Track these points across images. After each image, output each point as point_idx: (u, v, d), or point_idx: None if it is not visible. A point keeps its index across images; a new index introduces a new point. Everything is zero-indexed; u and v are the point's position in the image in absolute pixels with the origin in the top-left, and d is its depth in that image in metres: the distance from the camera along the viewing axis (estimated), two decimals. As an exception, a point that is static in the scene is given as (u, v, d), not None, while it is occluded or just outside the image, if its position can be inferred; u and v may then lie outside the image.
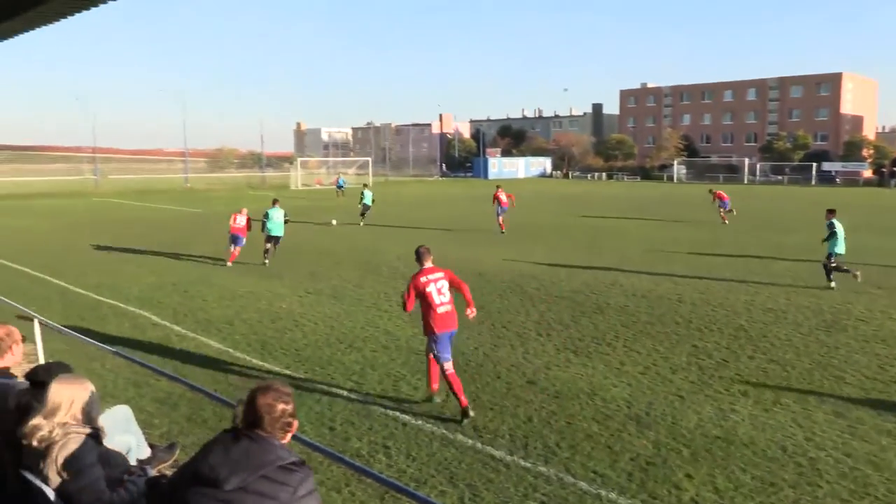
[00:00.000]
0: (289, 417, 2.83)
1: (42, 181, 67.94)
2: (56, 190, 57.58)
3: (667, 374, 8.91)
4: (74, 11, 8.05)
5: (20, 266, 17.94)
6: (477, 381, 8.62)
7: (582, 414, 7.54)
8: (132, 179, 77.00)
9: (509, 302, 13.37)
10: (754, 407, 7.75)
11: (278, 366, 9.33)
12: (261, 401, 2.79)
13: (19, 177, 69.46)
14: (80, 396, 3.61)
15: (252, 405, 2.79)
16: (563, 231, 26.31)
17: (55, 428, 3.47)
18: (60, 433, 3.47)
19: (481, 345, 10.32)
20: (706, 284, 15.08)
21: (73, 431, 3.50)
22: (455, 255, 19.49)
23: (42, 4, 7.69)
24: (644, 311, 12.50)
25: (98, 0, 7.47)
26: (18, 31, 9.61)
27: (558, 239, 23.68)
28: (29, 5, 7.89)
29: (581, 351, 10.02)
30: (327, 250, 20.55)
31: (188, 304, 13.21)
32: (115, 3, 7.51)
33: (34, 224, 30.35)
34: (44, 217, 33.84)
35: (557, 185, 71.30)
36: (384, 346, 10.31)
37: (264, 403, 2.78)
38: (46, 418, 3.50)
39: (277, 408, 2.79)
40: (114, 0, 7.41)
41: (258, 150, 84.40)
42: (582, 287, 14.77)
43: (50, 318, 10.10)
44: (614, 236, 24.38)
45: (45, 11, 8.11)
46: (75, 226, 29.39)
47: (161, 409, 7.64)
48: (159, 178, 77.81)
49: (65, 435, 3.47)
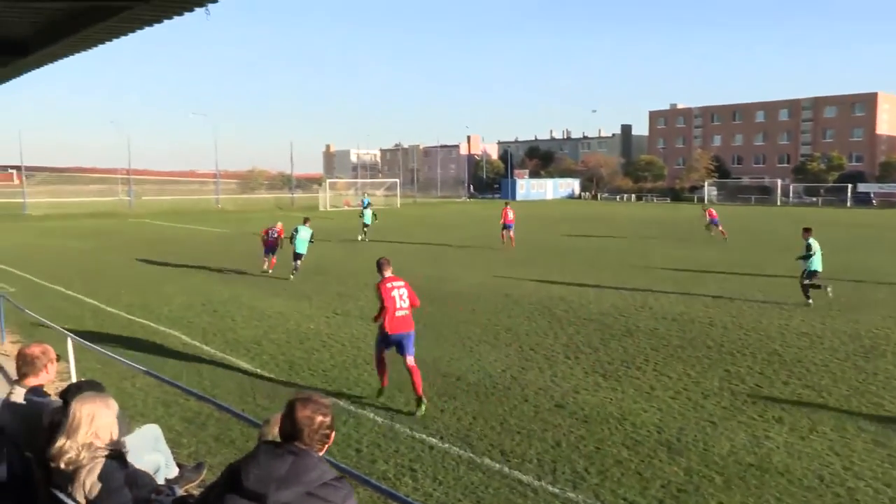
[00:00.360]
0: (327, 429, 2.84)
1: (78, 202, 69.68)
2: (91, 211, 58.91)
3: (698, 400, 8.76)
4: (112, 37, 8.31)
5: (55, 285, 18.32)
6: (504, 404, 8.55)
7: (611, 439, 7.43)
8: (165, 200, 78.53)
9: (537, 324, 13.28)
10: (790, 434, 7.56)
11: (306, 386, 9.35)
12: (300, 413, 2.79)
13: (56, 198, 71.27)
14: (100, 413, 3.59)
15: (291, 416, 2.80)
16: (591, 252, 26.14)
17: (81, 450, 3.45)
18: (87, 456, 3.45)
19: (509, 367, 10.25)
20: (738, 307, 14.83)
21: (100, 455, 3.49)
22: (482, 277, 19.46)
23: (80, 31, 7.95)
24: (675, 335, 12.32)
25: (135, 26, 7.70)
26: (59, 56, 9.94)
27: (587, 260, 23.52)
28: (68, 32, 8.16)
29: (610, 374, 9.90)
30: (354, 271, 20.65)
31: (217, 324, 13.35)
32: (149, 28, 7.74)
33: (70, 244, 31.04)
34: (79, 237, 34.60)
35: (586, 207, 71.00)
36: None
37: (304, 415, 2.79)
38: (69, 438, 3.48)
39: (316, 420, 2.80)
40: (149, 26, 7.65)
41: (288, 172, 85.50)
42: (611, 309, 14.63)
43: (83, 336, 10.29)
44: (644, 258, 24.14)
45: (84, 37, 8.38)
46: (109, 246, 29.99)
47: (189, 428, 7.70)
48: (191, 199, 79.24)
49: (91, 458, 3.46)
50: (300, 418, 2.78)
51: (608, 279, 18.95)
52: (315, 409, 2.82)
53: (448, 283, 18.38)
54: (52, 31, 8.56)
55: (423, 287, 17.53)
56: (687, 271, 20.65)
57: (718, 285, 17.86)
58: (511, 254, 25.62)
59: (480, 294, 16.57)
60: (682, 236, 32.74)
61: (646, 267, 21.74)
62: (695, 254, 25.71)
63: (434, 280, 18.76)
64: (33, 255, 26.25)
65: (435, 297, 16.16)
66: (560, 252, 26.26)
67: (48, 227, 42.24)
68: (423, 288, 17.40)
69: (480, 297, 16.24)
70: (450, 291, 16.97)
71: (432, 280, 18.74)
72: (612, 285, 17.84)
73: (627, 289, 17.27)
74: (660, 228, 35.85)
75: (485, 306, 15.09)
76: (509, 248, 27.23)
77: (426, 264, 22.38)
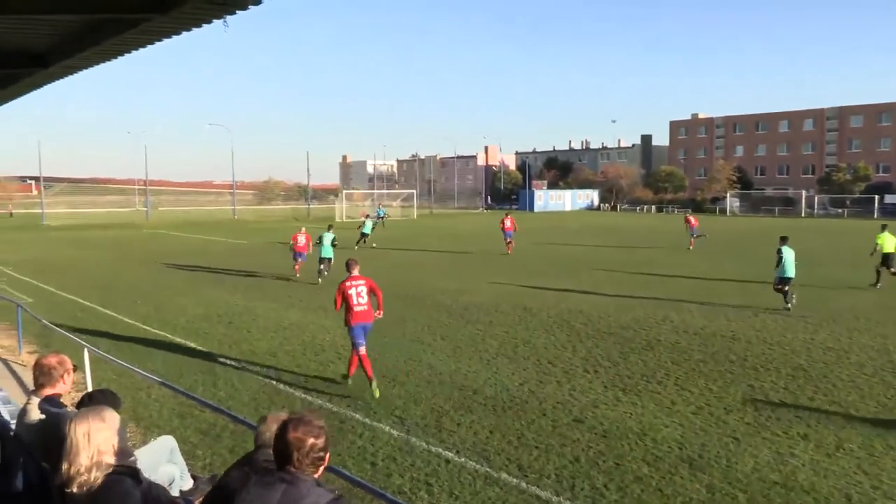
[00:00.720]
0: (319, 452, 2.75)
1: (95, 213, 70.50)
2: (108, 221, 59.70)
3: (721, 415, 8.66)
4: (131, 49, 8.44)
5: (72, 296, 18.56)
6: (522, 419, 8.52)
7: (631, 455, 7.37)
8: (182, 211, 79.31)
9: (556, 337, 13.23)
10: (815, 451, 7.45)
11: (321, 399, 9.38)
12: (291, 435, 2.72)
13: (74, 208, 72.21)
14: (95, 430, 3.43)
15: (283, 438, 2.74)
16: (610, 264, 26.01)
17: (92, 471, 3.37)
18: (99, 475, 3.40)
19: (527, 381, 10.21)
20: (762, 321, 14.67)
21: (112, 476, 3.44)
22: (499, 289, 19.42)
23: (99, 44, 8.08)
24: (696, 349, 12.21)
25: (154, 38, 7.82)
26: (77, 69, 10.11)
27: (606, 272, 23.41)
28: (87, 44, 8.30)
29: (630, 389, 9.82)
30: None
31: (233, 336, 13.44)
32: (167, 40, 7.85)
33: (87, 255, 31.44)
34: (96, 248, 35.04)
35: (605, 218, 70.72)
36: (427, 380, 10.29)
37: (294, 438, 2.71)
38: (72, 463, 3.37)
39: (308, 442, 2.71)
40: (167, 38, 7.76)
41: (304, 183, 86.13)
42: (631, 322, 14.54)
43: (99, 347, 10.41)
44: (664, 269, 23.97)
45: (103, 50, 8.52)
46: (126, 257, 30.34)
47: (204, 440, 7.75)
48: (208, 210, 79.99)
49: (104, 478, 3.42)
50: (291, 440, 2.71)
51: (628, 291, 18.84)
52: (307, 431, 2.73)
53: (465, 294, 18.37)
54: (71, 43, 8.71)
55: (440, 299, 17.58)
56: (708, 283, 20.47)
57: (741, 298, 17.69)
58: (529, 265, 25.57)
59: (498, 306, 16.55)
60: (703, 248, 32.48)
61: (666, 279, 21.59)
62: (716, 266, 25.49)
63: (450, 292, 18.76)
64: (51, 265, 26.62)
65: (452, 310, 16.15)
66: (579, 264, 26.16)
67: (65, 237, 42.83)
68: (439, 300, 17.46)
69: (498, 309, 16.21)
70: (467, 303, 16.96)
71: (448, 293, 18.75)
72: (632, 297, 17.73)
73: (647, 301, 17.15)
74: (680, 240, 35.55)
75: (502, 318, 15.06)
76: (531, 261, 27.16)
77: (443, 276, 22.40)
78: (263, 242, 37.80)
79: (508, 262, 27.17)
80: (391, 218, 54.87)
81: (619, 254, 30.66)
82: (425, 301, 17.46)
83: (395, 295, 18.44)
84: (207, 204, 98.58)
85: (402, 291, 18.98)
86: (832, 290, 19.03)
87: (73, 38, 8.57)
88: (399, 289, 19.53)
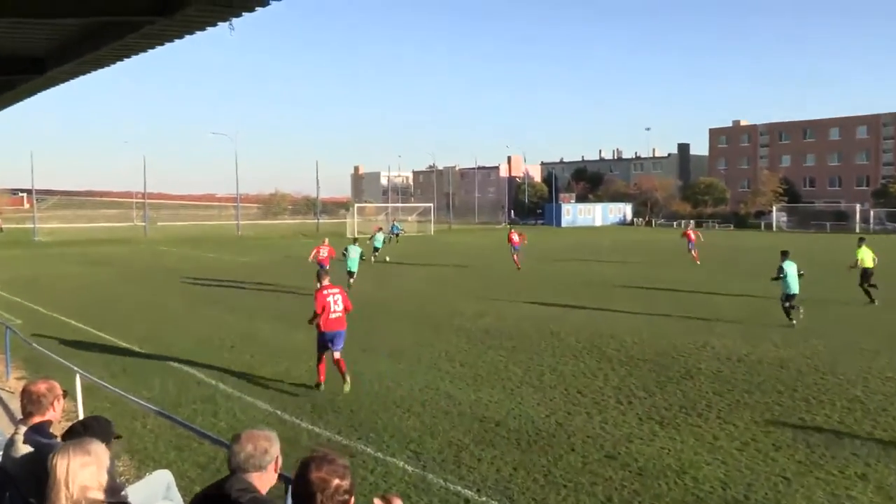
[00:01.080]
0: (344, 495, 2.74)
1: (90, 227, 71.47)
2: (104, 236, 60.45)
3: (769, 452, 8.53)
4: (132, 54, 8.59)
5: (63, 316, 18.76)
6: (549, 454, 8.44)
7: (669, 495, 7.27)
8: (182, 226, 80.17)
9: (586, 364, 13.14)
10: (876, 493, 7.30)
11: (329, 430, 9.37)
12: (314, 475, 2.72)
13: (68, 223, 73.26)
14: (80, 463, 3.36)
15: (304, 478, 2.73)
16: (645, 284, 25.85)
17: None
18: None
19: (554, 412, 10.14)
20: (812, 347, 14.47)
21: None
22: (524, 310, 19.36)
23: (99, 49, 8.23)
24: (741, 378, 12.07)
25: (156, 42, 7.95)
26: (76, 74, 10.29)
27: (640, 292, 23.26)
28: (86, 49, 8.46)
29: (668, 422, 9.72)
30: (384, 304, 20.75)
31: (236, 361, 13.49)
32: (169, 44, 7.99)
33: (81, 272, 31.83)
34: (90, 265, 35.46)
35: (639, 234, 70.42)
36: (445, 410, 10.24)
37: (318, 478, 2.71)
38: (55, 500, 3.32)
39: (332, 483, 2.71)
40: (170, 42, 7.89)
41: (313, 196, 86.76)
42: (668, 348, 14.41)
43: (92, 372, 10.48)
44: (705, 289, 23.77)
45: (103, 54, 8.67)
46: (122, 275, 30.68)
47: (203, 475, 7.74)
48: (210, 225, 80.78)
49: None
50: (314, 480, 2.70)
51: (664, 314, 18.69)
52: (331, 471, 2.73)
53: (486, 317, 18.34)
54: (70, 48, 8.89)
55: (459, 322, 17.55)
56: (752, 302, 20.25)
57: (789, 322, 17.47)
58: (555, 285, 25.49)
59: (522, 329, 16.49)
60: (747, 267, 32.21)
61: (706, 300, 21.40)
62: (761, 286, 25.20)
63: (470, 315, 18.74)
64: (42, 284, 26.99)
65: (472, 334, 16.12)
66: (610, 283, 26.02)
67: (58, 254, 43.43)
68: (458, 323, 17.43)
69: (522, 332, 16.15)
70: (488, 326, 16.92)
71: (468, 315, 18.72)
72: (670, 321, 17.59)
73: (685, 323, 17.01)
74: (722, 258, 35.33)
75: (527, 344, 15.00)
76: (558, 281, 27.08)
77: (462, 297, 22.38)
78: (269, 260, 38.06)
79: (533, 281, 27.11)
80: (406, 234, 55.01)
81: (653, 271, 30.46)
82: (443, 324, 17.45)
83: (410, 318, 18.45)
84: (209, 218, 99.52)
85: (418, 314, 18.98)
86: (891, 313, 18.74)
87: (72, 43, 8.75)
88: (415, 311, 19.55)
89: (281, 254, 40.14)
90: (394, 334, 16.11)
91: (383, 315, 18.81)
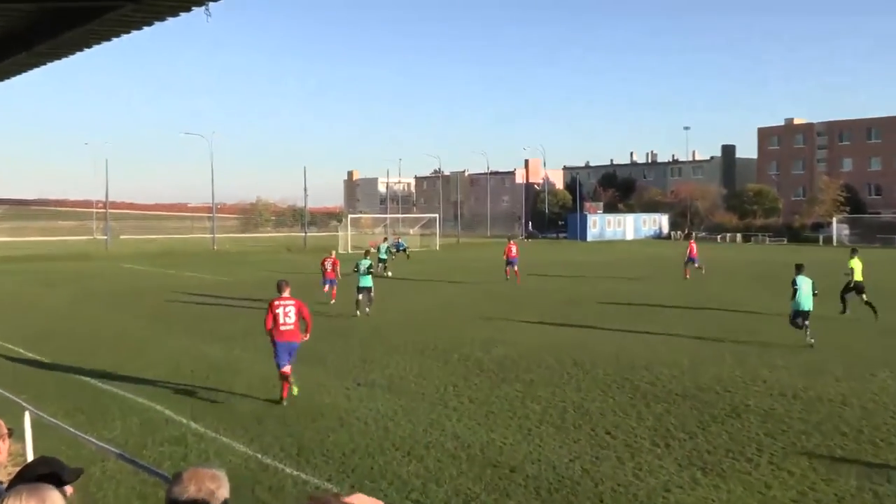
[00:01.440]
0: None
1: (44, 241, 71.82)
2: (60, 252, 60.78)
3: (831, 503, 8.48)
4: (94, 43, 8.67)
5: (10, 344, 18.82)
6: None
7: (714, 554, 7.22)
8: (150, 240, 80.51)
9: (615, 400, 13.12)
10: (955, 552, 7.24)
11: (318, 477, 9.37)
12: None
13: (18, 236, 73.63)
14: None
15: None
16: (684, 307, 25.79)
17: None
18: None
19: (579, 456, 10.12)
20: (880, 381, 14.41)
21: None
22: (542, 338, 19.33)
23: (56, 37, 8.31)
24: (797, 417, 12.03)
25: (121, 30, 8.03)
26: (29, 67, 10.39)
27: (679, 318, 23.20)
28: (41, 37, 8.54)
29: (712, 468, 9.69)
30: (383, 331, 20.76)
31: (210, 396, 13.52)
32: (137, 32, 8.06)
33: (32, 293, 31.96)
34: (43, 285, 35.62)
35: (677, 249, 70.28)
36: (452, 454, 10.23)
37: None
38: None
39: None
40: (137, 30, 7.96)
41: (300, 205, 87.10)
42: (711, 382, 14.37)
43: (43, 409, 10.50)
44: (756, 314, 23.71)
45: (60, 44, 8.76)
46: (79, 296, 30.78)
47: (172, 528, 7.73)
48: (182, 239, 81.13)
49: None
50: None
51: (707, 342, 18.65)
52: None
53: (499, 344, 18.32)
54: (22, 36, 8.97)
55: (469, 351, 17.54)
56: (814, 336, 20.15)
57: (851, 352, 17.40)
58: (579, 307, 25.47)
59: (541, 360, 16.46)
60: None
61: (759, 328, 21.32)
62: (821, 311, 25.15)
63: (482, 342, 18.71)
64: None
65: (483, 364, 16.12)
66: (643, 308, 25.97)
67: (6, 271, 43.65)
68: (468, 352, 17.42)
69: (541, 363, 16.13)
70: (502, 356, 16.91)
71: (479, 342, 18.70)
72: (713, 351, 17.54)
73: (731, 351, 16.95)
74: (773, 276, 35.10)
75: (546, 375, 14.98)
76: (581, 304, 27.08)
77: (472, 321, 22.38)
78: (250, 278, 38.11)
79: (553, 302, 27.09)
80: (410, 250, 55.17)
81: (694, 295, 30.35)
82: (450, 353, 17.44)
83: (413, 346, 18.44)
84: (181, 231, 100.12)
85: (422, 341, 18.98)
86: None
87: (24, 31, 8.82)
88: (418, 338, 19.53)
89: (263, 271, 40.23)
90: (393, 364, 16.09)
91: (381, 342, 18.81)
